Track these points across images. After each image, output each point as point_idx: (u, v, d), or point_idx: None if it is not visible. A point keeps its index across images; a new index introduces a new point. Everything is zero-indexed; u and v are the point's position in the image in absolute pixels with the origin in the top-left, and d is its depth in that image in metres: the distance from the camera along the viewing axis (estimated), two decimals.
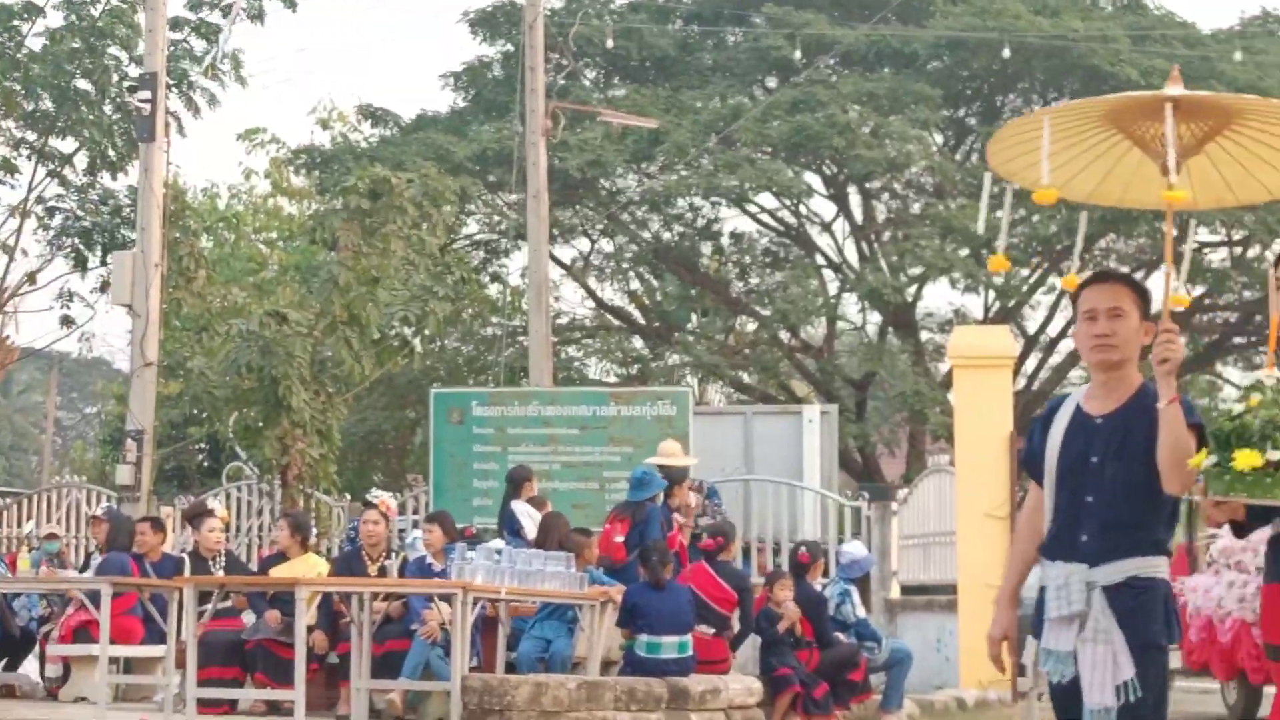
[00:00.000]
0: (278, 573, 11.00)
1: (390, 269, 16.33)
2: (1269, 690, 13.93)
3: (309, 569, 10.98)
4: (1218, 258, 26.44)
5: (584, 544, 10.94)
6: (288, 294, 19.87)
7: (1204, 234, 25.09)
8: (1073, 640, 4.45)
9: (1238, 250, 25.98)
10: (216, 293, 17.23)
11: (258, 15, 20.57)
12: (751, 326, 28.30)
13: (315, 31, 66.45)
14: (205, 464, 25.06)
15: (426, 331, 17.73)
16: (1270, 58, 24.81)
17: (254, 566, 13.36)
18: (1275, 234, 23.93)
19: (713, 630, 11.20)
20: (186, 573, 11.05)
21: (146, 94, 14.95)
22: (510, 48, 26.00)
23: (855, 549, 12.80)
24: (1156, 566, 4.46)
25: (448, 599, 9.69)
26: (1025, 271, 26.11)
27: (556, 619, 10.78)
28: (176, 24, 19.91)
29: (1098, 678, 4.39)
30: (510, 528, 12.46)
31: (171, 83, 18.52)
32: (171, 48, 18.30)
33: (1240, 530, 4.30)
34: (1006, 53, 23.59)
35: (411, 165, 20.43)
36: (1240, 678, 13.68)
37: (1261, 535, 15.15)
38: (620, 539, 11.54)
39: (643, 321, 28.74)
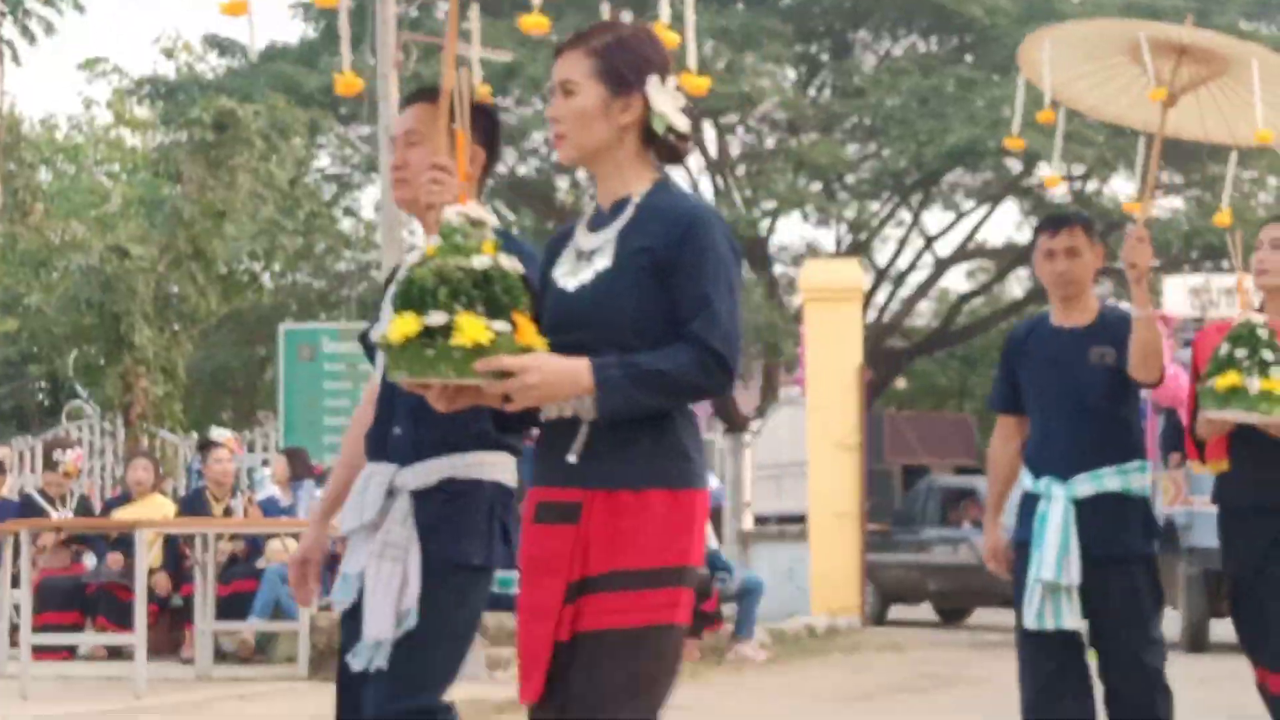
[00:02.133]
0: (122, 514, 10.79)
1: (237, 203, 16.04)
2: None
3: (155, 510, 10.79)
4: (1059, 192, 26.95)
5: None
6: (130, 228, 19.44)
7: (1044, 169, 25.57)
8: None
9: (1077, 185, 26.50)
10: (55, 227, 16.81)
11: None
12: None
13: None
14: (45, 403, 24.46)
15: (276, 266, 17.46)
16: None
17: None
18: (1112, 169, 24.46)
19: None
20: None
21: None
22: None
23: None
24: (481, 465, 3.54)
25: (296, 537, 9.58)
26: (876, 205, 26.39)
27: None
28: None
29: (378, 603, 3.47)
30: None
31: (5, 9, 17.93)
32: None
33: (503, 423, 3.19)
34: None
35: (260, 97, 20.04)
36: None
37: None
38: None
39: None
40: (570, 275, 3.15)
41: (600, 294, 3.09)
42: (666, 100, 3.17)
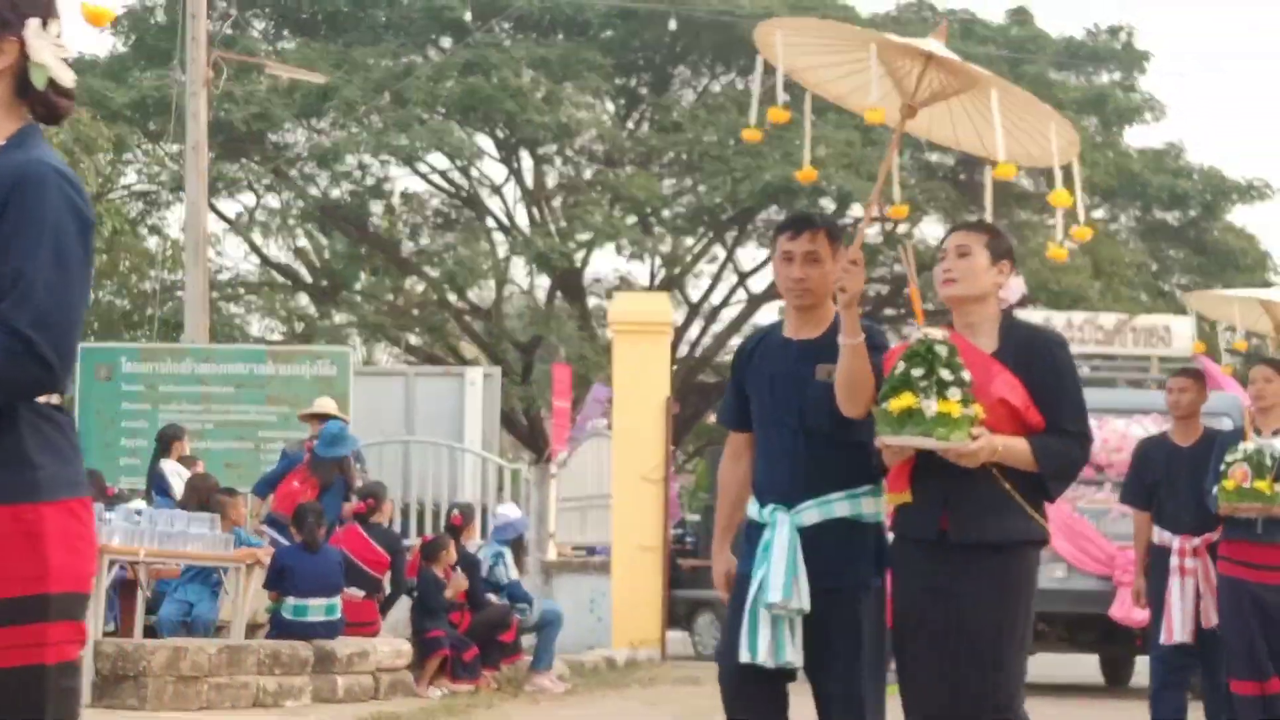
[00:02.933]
0: None
1: None
2: None
3: None
4: (872, 232, 27.48)
5: (229, 504, 10.67)
6: None
7: (858, 210, 26.07)
8: None
9: (888, 226, 27.06)
10: None
11: None
12: (420, 288, 28.14)
13: None
14: None
15: None
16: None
17: None
18: (924, 212, 25.03)
19: (363, 593, 11.09)
20: None
21: None
22: None
23: (509, 511, 12.86)
24: None
25: None
26: (690, 240, 26.65)
27: (200, 582, 10.50)
28: None
29: None
30: (159, 488, 12.09)
31: None
32: None
33: None
34: (673, 24, 24.04)
35: None
36: None
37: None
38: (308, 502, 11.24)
39: (309, 279, 28.24)
40: None
41: None
42: (48, 49, 2.72)
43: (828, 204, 25.61)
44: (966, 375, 4.36)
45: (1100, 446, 11.53)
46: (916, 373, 4.33)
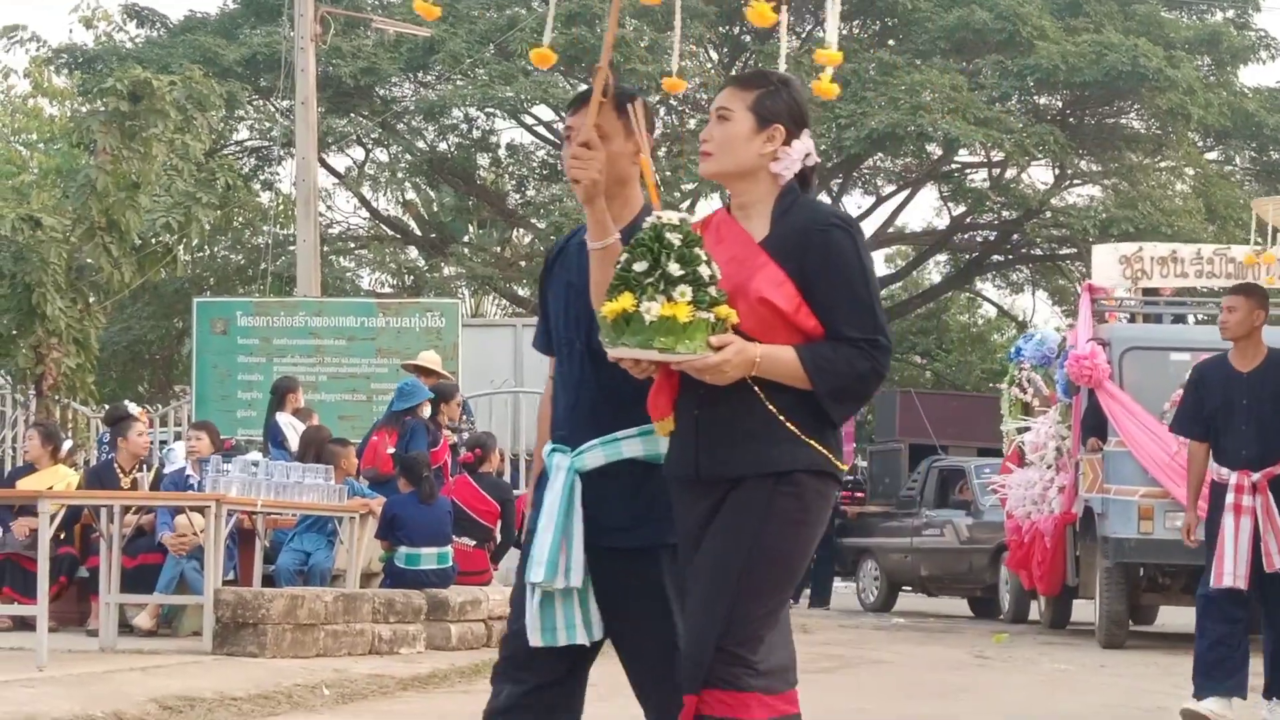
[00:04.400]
0: (25, 484, 10.74)
1: (152, 174, 15.90)
2: (1077, 602, 14.05)
3: (57, 481, 10.74)
4: (979, 178, 27.21)
5: (341, 454, 10.89)
6: (43, 198, 19.22)
7: (964, 155, 25.82)
8: None
9: (996, 171, 26.78)
10: None
11: None
12: (527, 239, 28.33)
13: None
14: None
15: (194, 240, 17.34)
16: None
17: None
18: (1031, 156, 24.72)
19: (474, 542, 11.29)
20: None
21: None
22: None
23: None
24: None
25: (201, 511, 9.59)
26: None
27: (316, 531, 10.74)
28: None
29: None
30: (274, 440, 12.35)
31: None
32: None
33: None
34: None
35: (178, 68, 19.89)
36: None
37: (1049, 430, 14.80)
38: (391, 450, 11.52)
39: (418, 232, 28.54)
40: None
41: None
42: None
43: (933, 150, 25.40)
44: (707, 270, 3.42)
45: None
46: (639, 268, 3.41)
